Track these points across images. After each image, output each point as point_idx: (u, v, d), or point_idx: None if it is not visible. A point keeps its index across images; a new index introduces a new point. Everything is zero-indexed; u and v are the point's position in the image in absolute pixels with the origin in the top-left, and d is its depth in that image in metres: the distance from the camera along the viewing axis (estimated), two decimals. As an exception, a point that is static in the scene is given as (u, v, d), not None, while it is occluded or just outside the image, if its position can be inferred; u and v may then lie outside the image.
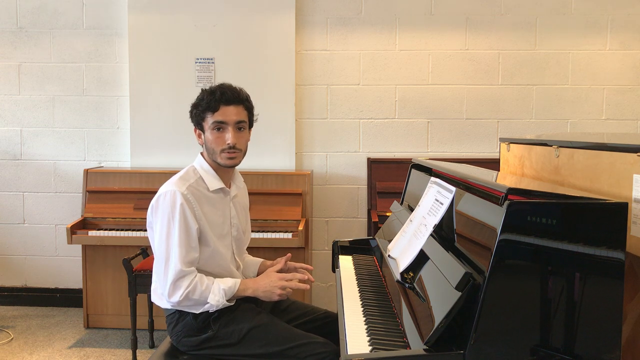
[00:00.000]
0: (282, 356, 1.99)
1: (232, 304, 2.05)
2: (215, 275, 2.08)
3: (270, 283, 2.05)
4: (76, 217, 3.96)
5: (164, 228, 2.00)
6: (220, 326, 2.04)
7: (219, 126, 2.05)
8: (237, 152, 2.07)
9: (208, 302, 1.99)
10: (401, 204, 2.51)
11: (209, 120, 2.05)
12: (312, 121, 4.08)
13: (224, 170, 2.14)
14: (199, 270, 2.05)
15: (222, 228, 2.12)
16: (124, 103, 4.12)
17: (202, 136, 2.11)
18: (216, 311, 2.04)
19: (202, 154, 2.15)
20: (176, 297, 1.98)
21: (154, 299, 2.17)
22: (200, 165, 2.13)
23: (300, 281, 2.10)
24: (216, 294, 2.00)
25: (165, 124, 4.02)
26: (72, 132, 4.16)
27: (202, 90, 2.10)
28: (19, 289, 4.26)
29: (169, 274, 1.98)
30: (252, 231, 3.43)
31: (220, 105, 2.03)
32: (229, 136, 2.03)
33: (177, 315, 2.08)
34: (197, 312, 2.02)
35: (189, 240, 2.00)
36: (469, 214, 1.59)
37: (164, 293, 2.01)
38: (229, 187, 2.18)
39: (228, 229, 2.15)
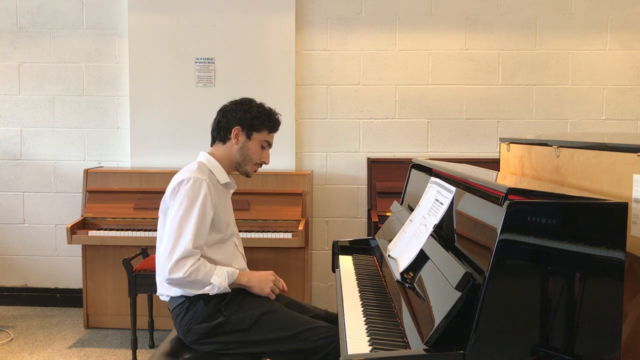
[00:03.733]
0: (294, 339, 2.04)
1: (229, 290, 2.12)
2: (223, 264, 2.16)
3: (264, 275, 2.21)
4: (76, 217, 3.96)
5: (181, 209, 2.08)
6: (231, 312, 2.09)
7: (265, 145, 2.29)
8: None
9: (211, 283, 2.06)
10: (401, 204, 2.51)
11: (264, 136, 2.26)
12: (312, 121, 4.08)
13: (228, 171, 2.28)
14: (209, 257, 2.13)
15: (228, 219, 2.25)
16: (124, 103, 4.12)
17: (243, 141, 2.23)
18: (228, 296, 2.10)
19: (209, 153, 2.26)
20: (178, 274, 2.02)
21: (160, 291, 2.20)
22: (208, 161, 2.24)
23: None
24: (219, 275, 2.08)
25: (165, 124, 4.02)
26: (72, 132, 4.16)
27: (255, 102, 2.28)
28: (19, 289, 4.26)
29: (175, 252, 2.03)
30: (253, 231, 3.53)
31: (276, 130, 2.32)
32: (268, 156, 2.31)
33: (186, 304, 2.11)
34: (197, 292, 2.08)
35: (203, 227, 2.09)
36: (469, 214, 1.59)
37: (163, 271, 2.04)
38: (229, 186, 2.34)
39: (232, 221, 2.30)
